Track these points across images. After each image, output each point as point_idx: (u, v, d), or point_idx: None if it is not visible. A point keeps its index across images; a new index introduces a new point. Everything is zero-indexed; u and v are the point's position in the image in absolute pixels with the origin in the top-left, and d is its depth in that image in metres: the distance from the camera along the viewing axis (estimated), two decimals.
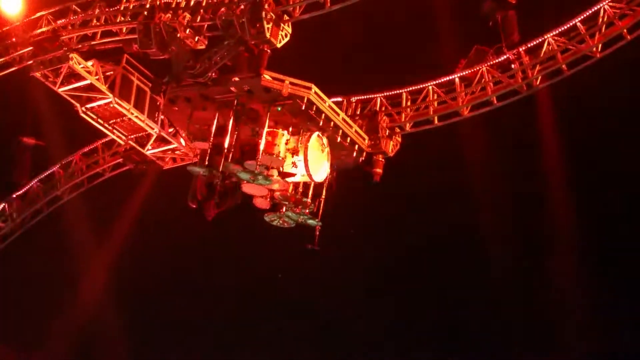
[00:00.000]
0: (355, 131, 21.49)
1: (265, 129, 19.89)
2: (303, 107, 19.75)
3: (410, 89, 23.84)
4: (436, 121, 23.64)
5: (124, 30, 24.26)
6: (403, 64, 27.58)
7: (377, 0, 21.36)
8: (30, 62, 24.39)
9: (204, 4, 21.38)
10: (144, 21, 21.01)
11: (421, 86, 23.72)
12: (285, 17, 20.31)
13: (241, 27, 19.74)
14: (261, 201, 21.05)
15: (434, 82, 23.60)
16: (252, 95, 19.95)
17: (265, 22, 19.63)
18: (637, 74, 26.39)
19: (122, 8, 24.34)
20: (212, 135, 20.15)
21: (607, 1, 21.91)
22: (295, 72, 19.98)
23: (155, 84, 21.92)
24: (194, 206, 20.51)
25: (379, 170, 22.67)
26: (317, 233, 21.12)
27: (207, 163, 19.95)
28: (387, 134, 22.73)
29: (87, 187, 29.08)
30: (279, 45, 20.16)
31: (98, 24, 24.33)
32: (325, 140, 20.71)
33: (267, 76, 19.75)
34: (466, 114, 23.50)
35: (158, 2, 21.62)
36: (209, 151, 20.01)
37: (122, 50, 24.18)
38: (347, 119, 21.28)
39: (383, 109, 23.74)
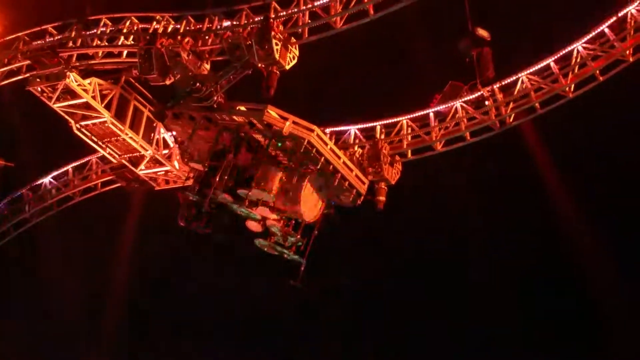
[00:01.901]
0: (356, 175, 20.99)
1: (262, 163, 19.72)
2: (302, 149, 19.57)
3: (385, 122, 23.98)
4: (409, 155, 23.73)
5: (99, 54, 24.27)
6: (378, 97, 27.75)
7: (353, 33, 21.54)
8: (27, 75, 24.20)
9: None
10: (145, 46, 20.80)
11: (395, 120, 23.86)
12: (293, 39, 20.38)
13: (249, 50, 19.69)
14: (254, 224, 20.82)
15: (408, 116, 23.75)
16: (254, 127, 19.80)
17: (274, 44, 19.61)
18: None
19: (98, 32, 24.37)
20: (208, 158, 19.99)
21: (580, 42, 22.25)
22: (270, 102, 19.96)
23: (157, 110, 21.78)
24: (182, 224, 20.25)
25: (383, 198, 22.31)
26: (302, 269, 20.64)
27: (197, 188, 19.74)
28: (389, 161, 22.68)
29: (56, 211, 28.78)
30: (287, 67, 20.11)
31: (74, 46, 24.26)
32: (323, 181, 20.39)
33: (272, 112, 19.53)
34: (439, 149, 23.63)
35: (162, 29, 21.68)
36: (202, 174, 19.81)
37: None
38: (349, 162, 20.87)
39: (357, 141, 23.81)
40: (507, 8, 25.45)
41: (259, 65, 19.96)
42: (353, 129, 24.02)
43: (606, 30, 22.08)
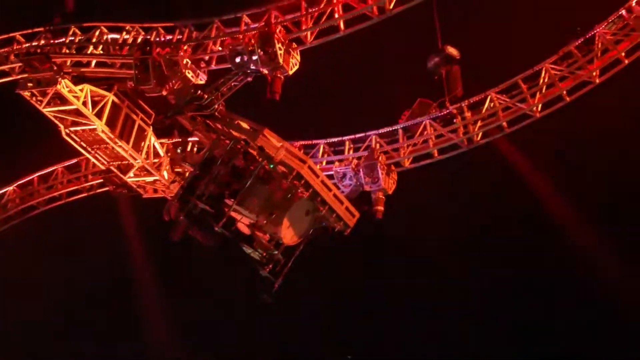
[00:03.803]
0: (346, 207, 20.50)
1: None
2: (288, 180, 19.24)
3: (353, 137, 24.01)
4: None
5: (68, 63, 24.09)
6: (347, 111, 27.75)
7: (324, 48, 21.65)
8: (19, 77, 23.90)
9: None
10: (142, 56, 20.57)
11: (363, 135, 23.91)
12: (294, 44, 20.44)
13: (251, 55, 19.63)
14: (243, 227, 20.52)
15: (377, 132, 23.82)
16: (250, 144, 19.49)
17: (277, 48, 19.59)
18: None
19: (67, 41, 24.21)
20: (201, 163, 19.54)
21: (548, 62, 22.46)
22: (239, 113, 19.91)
23: (157, 121, 21.48)
24: (167, 219, 19.91)
25: (381, 208, 22.37)
26: (276, 287, 19.91)
27: (181, 194, 19.27)
28: (385, 171, 22.64)
29: (19, 220, 28.45)
30: (290, 72, 20.09)
31: (68, 52, 24.07)
32: (311, 207, 19.89)
33: (268, 136, 19.27)
34: (407, 166, 23.71)
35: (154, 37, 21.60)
36: (189, 180, 19.42)
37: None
38: (339, 195, 20.46)
39: (325, 156, 23.83)
40: (477, 26, 25.63)
41: (262, 70, 19.87)
42: (322, 144, 24.09)
43: (574, 51, 22.38)
